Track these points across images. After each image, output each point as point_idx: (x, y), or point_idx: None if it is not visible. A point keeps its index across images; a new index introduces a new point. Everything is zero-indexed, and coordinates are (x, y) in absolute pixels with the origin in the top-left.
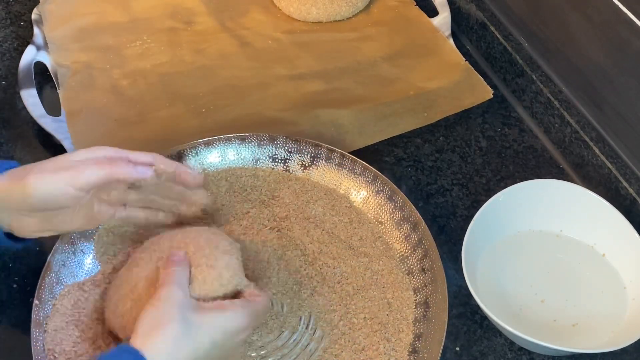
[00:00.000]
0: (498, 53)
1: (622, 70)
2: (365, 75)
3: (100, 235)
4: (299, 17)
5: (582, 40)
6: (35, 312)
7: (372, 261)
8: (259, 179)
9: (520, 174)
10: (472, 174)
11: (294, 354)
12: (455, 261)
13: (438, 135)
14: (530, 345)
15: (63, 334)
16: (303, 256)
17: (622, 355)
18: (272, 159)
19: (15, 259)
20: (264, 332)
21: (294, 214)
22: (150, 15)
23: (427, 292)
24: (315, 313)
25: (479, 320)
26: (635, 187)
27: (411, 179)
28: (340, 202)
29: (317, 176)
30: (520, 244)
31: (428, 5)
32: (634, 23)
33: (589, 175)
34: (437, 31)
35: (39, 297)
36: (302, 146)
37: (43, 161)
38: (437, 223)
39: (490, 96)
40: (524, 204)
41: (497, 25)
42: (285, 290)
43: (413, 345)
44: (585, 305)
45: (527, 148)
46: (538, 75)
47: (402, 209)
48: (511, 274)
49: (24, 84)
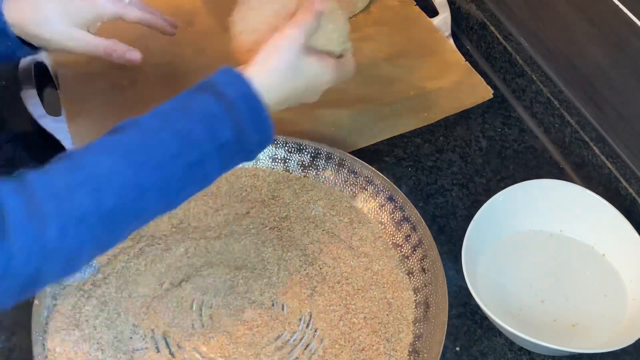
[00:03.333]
0: (498, 53)
1: (622, 70)
2: (365, 75)
3: None
4: None
5: (582, 40)
6: (35, 312)
7: (372, 261)
8: (259, 179)
9: (520, 174)
10: (472, 174)
11: (294, 354)
12: (455, 261)
13: (438, 135)
14: (530, 345)
15: (63, 334)
16: (303, 256)
17: (622, 355)
18: (272, 159)
19: None
20: (264, 332)
21: (294, 214)
22: None
23: (427, 292)
24: (315, 313)
25: (479, 320)
26: (635, 187)
27: (411, 179)
28: (340, 202)
29: (317, 176)
30: (520, 244)
31: (428, 5)
32: (634, 23)
33: (589, 175)
34: (437, 31)
35: (39, 297)
36: (302, 146)
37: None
38: (437, 223)
39: (490, 96)
40: (524, 204)
41: (497, 25)
42: (285, 290)
43: (413, 345)
44: (585, 305)
45: (527, 148)
46: (538, 75)
47: (402, 209)
48: (511, 274)
49: (24, 84)
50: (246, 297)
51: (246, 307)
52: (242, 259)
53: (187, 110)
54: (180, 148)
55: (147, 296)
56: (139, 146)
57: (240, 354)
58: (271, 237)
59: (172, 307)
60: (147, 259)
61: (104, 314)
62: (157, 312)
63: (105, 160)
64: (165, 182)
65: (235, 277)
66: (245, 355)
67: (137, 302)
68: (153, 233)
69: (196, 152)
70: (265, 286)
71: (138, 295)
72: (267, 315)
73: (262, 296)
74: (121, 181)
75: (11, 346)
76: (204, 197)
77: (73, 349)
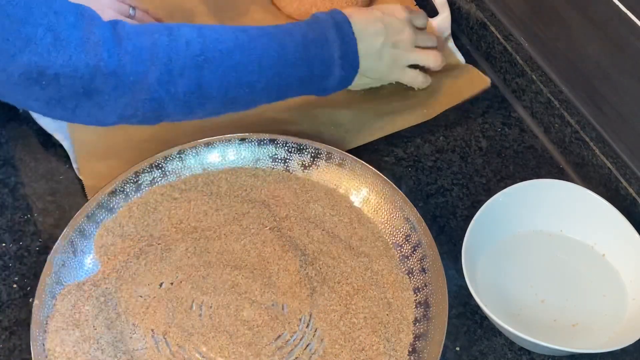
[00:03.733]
0: (498, 53)
1: (622, 70)
2: None
3: (100, 235)
4: (299, 17)
5: (582, 40)
6: (35, 312)
7: (372, 261)
8: (259, 179)
9: (520, 174)
10: (472, 174)
11: (294, 354)
12: (455, 261)
13: (438, 135)
14: (530, 345)
15: (63, 334)
16: (303, 256)
17: (622, 355)
18: (272, 159)
19: (15, 259)
20: (264, 331)
21: (294, 214)
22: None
23: (427, 292)
24: (315, 313)
25: (479, 320)
26: (635, 187)
27: (411, 179)
28: (340, 202)
29: (317, 176)
30: (520, 244)
31: (428, 5)
32: (634, 23)
33: (589, 175)
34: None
35: (39, 297)
36: (302, 146)
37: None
38: (437, 223)
39: (487, 84)
40: (524, 204)
41: (497, 25)
42: (285, 290)
43: (413, 345)
44: (585, 305)
45: (527, 148)
46: (538, 75)
47: (402, 209)
48: (511, 274)
49: None
50: (246, 297)
51: (246, 307)
52: (242, 259)
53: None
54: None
55: (147, 296)
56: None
57: (240, 354)
58: (271, 237)
59: (172, 307)
60: (146, 258)
61: (103, 314)
62: (157, 312)
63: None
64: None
65: (236, 277)
66: (245, 355)
67: (137, 302)
68: (153, 233)
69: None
70: (265, 286)
71: (138, 295)
72: (267, 315)
73: (262, 296)
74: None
75: (11, 346)
76: (203, 197)
77: (73, 349)
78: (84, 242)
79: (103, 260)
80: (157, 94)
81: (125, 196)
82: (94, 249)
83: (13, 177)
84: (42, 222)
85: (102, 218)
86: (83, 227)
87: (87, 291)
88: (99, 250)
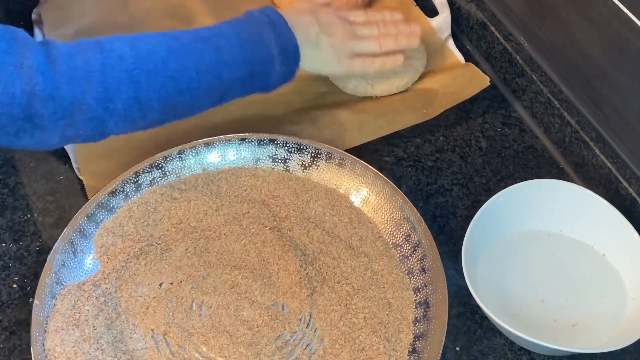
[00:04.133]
0: (498, 53)
1: (622, 70)
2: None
3: (100, 235)
4: None
5: (582, 40)
6: (35, 312)
7: (372, 261)
8: (259, 179)
9: (520, 174)
10: (472, 174)
11: (294, 354)
12: (455, 261)
13: (438, 135)
14: (530, 345)
15: (63, 334)
16: (303, 256)
17: (622, 355)
18: (272, 159)
19: (15, 259)
20: (264, 331)
21: (294, 214)
22: (150, 15)
23: (427, 292)
24: (315, 313)
25: (479, 320)
26: (635, 187)
27: (411, 179)
28: (340, 202)
29: (317, 176)
30: (520, 244)
31: (428, 5)
32: (634, 23)
33: (589, 175)
34: (437, 33)
35: (39, 297)
36: (302, 146)
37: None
38: (437, 223)
39: (487, 84)
40: (524, 204)
41: (497, 25)
42: (285, 290)
43: (413, 345)
44: (585, 305)
45: (527, 148)
46: (538, 75)
47: (402, 209)
48: (511, 274)
49: None
50: (246, 297)
51: (246, 307)
52: (242, 259)
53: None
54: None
55: (147, 296)
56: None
57: (240, 354)
58: (271, 237)
59: (172, 307)
60: (146, 258)
61: (103, 313)
62: (157, 312)
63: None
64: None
65: (236, 277)
66: (245, 355)
67: (137, 302)
68: (153, 233)
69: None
70: (265, 286)
71: (138, 295)
72: (267, 315)
73: (262, 296)
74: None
75: (11, 346)
76: (203, 197)
77: (73, 349)
78: (84, 242)
79: (103, 260)
80: (97, 113)
81: (125, 196)
82: (94, 249)
83: (13, 177)
84: (42, 222)
85: (102, 218)
86: (83, 227)
87: (87, 291)
88: (99, 250)
